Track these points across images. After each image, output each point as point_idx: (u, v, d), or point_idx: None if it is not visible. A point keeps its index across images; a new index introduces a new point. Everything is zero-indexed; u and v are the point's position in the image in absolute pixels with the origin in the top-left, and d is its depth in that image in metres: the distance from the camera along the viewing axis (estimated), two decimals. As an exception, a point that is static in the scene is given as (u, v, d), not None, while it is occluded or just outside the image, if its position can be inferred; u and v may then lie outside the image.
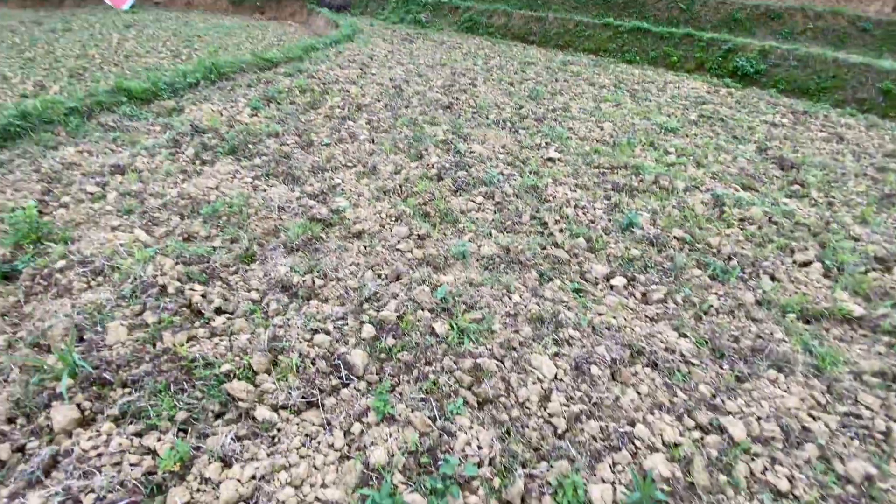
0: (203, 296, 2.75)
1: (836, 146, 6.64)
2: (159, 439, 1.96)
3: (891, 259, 3.81)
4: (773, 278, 3.52)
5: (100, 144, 4.55)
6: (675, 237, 3.95)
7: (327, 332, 2.60)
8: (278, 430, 2.07)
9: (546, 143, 5.86)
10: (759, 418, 2.35)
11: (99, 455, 1.88)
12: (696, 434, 2.24)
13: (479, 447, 2.05)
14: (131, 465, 1.85)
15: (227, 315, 2.70)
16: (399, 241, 3.60)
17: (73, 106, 4.98)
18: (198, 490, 1.80)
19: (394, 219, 3.93)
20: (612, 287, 3.34)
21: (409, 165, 4.91)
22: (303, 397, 2.22)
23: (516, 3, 16.26)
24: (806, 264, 3.71)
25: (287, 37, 13.59)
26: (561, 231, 3.89)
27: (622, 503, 1.86)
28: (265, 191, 4.07)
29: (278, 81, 7.25)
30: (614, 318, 2.96)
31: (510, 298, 3.03)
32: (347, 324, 2.69)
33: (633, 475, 1.94)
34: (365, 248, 3.51)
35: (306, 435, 2.06)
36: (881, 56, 11.46)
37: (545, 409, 2.28)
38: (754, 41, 11.39)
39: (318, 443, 2.03)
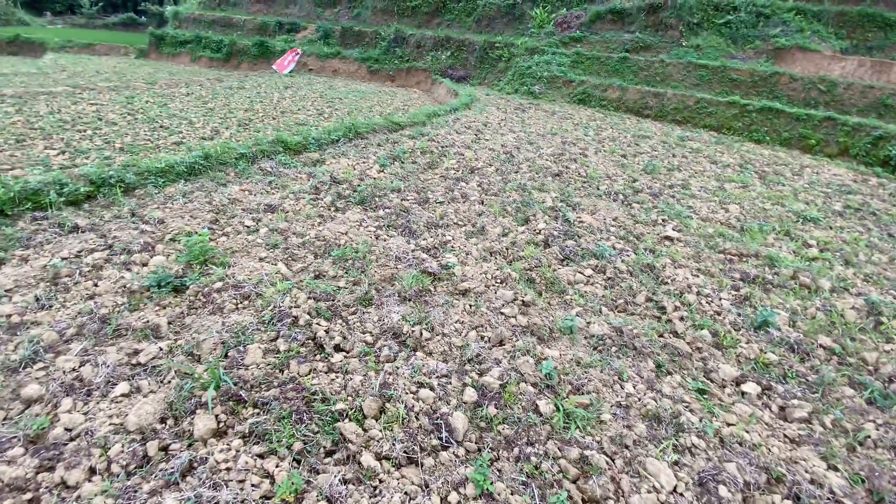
0: (326, 331, 2.99)
1: None
2: (277, 465, 2.10)
3: None
4: (961, 417, 2.84)
5: (258, 185, 5.37)
6: (820, 345, 3.43)
7: (431, 388, 2.64)
8: (381, 481, 2.10)
9: (663, 221, 5.61)
10: None
11: (228, 469, 2.06)
12: None
13: (586, 552, 1.86)
14: (252, 485, 1.99)
15: (344, 353, 2.88)
16: (504, 305, 3.62)
17: (242, 152, 5.99)
18: (305, 526, 1.87)
19: (499, 281, 3.98)
20: (742, 394, 2.96)
21: (516, 229, 5.01)
22: (405, 451, 2.24)
23: (632, 80, 16.39)
24: None
25: (412, 102, 15.13)
26: (682, 319, 3.60)
27: None
28: (385, 240, 4.41)
29: (403, 142, 8.03)
30: (746, 431, 2.59)
31: (622, 387, 2.83)
32: (451, 383, 2.71)
33: None
34: (470, 306, 3.58)
35: (405, 493, 2.06)
36: None
37: (662, 525, 2.02)
38: (915, 129, 10.05)
39: (417, 504, 2.01)
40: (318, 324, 3.01)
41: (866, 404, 2.95)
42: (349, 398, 2.47)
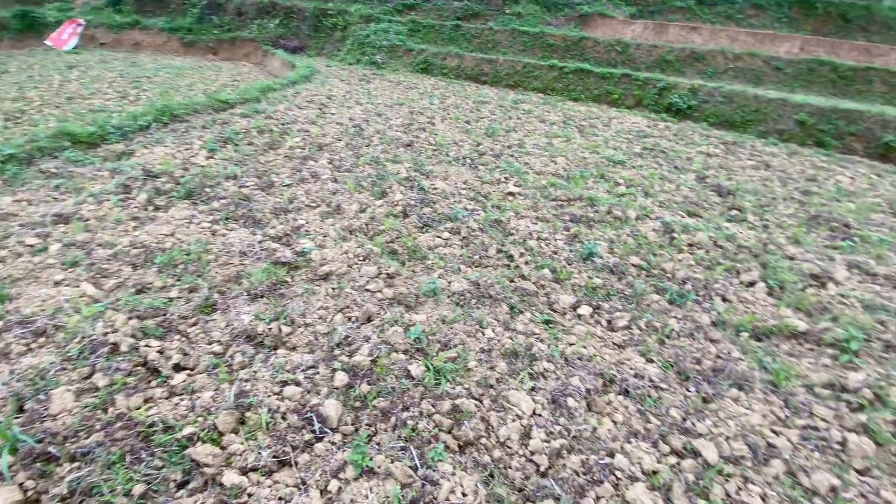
0: (160, 352, 2.58)
1: (764, 173, 7.30)
2: (114, 519, 1.78)
3: (824, 276, 4.16)
4: (724, 299, 3.74)
5: (40, 192, 4.28)
6: (632, 264, 4.15)
7: (297, 384, 2.49)
8: (249, 495, 1.93)
9: (505, 178, 6.07)
10: (727, 438, 2.44)
11: (42, 544, 1.67)
12: (673, 459, 2.29)
13: (464, 494, 1.99)
14: (81, 552, 1.66)
15: (188, 371, 2.53)
16: (368, 282, 3.56)
17: (10, 153, 4.68)
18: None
19: (361, 258, 3.89)
20: (579, 317, 3.43)
21: (373, 204, 4.93)
22: (274, 456, 2.09)
23: (468, 47, 17.17)
24: (751, 284, 3.99)
25: (242, 77, 13.55)
26: (526, 263, 4.00)
27: (610, 539, 1.85)
28: (224, 235, 3.94)
29: (235, 122, 7.17)
30: (584, 347, 3.03)
31: (483, 334, 3.04)
32: (318, 372, 2.60)
33: (618, 509, 1.95)
34: (333, 290, 3.44)
35: (280, 498, 1.94)
36: (794, 91, 12.87)
37: (527, 447, 2.27)
38: (684, 80, 12.50)
39: (294, 505, 1.91)
40: (147, 346, 2.57)
41: (668, 304, 3.68)
42: (199, 419, 2.19)
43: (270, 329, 2.87)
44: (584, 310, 3.50)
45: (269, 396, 2.37)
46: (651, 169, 7.04)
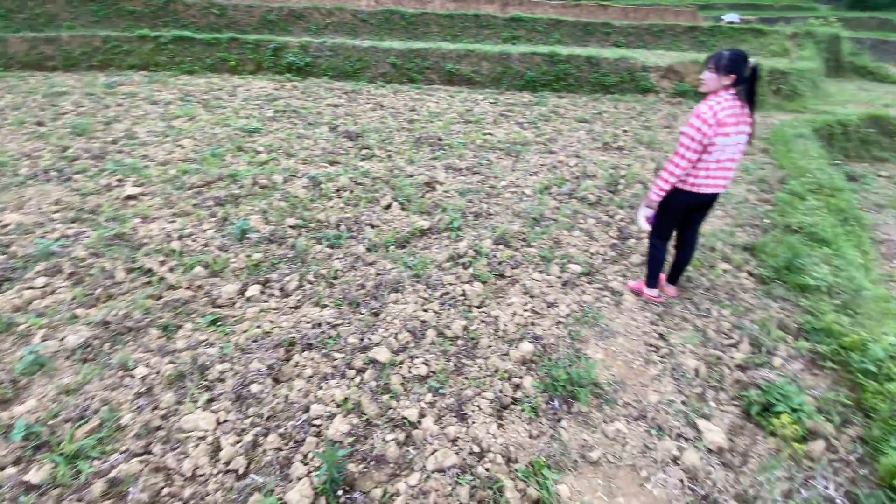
0: None
1: (381, 112, 8.56)
2: None
3: (433, 182, 5.33)
4: (371, 226, 4.30)
5: None
6: (289, 227, 4.20)
7: None
8: None
9: (118, 181, 4.92)
10: (395, 335, 2.90)
11: None
12: (358, 378, 2.56)
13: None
14: None
15: None
16: None
17: None
18: None
19: None
20: (249, 299, 3.26)
21: None
22: None
23: (9, 27, 12.43)
24: (388, 207, 4.72)
25: None
26: (171, 270, 3.44)
27: (318, 487, 1.94)
28: None
29: None
30: (259, 327, 2.92)
31: (134, 377, 2.49)
32: None
33: (318, 455, 2.04)
34: None
35: None
36: (382, 38, 15.23)
37: (219, 462, 2.06)
38: (293, 39, 12.85)
39: None
40: None
41: (330, 249, 3.93)
42: None
43: None
44: (253, 290, 3.34)
45: None
46: (287, 130, 7.13)
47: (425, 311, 3.17)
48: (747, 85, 2.59)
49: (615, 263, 3.90)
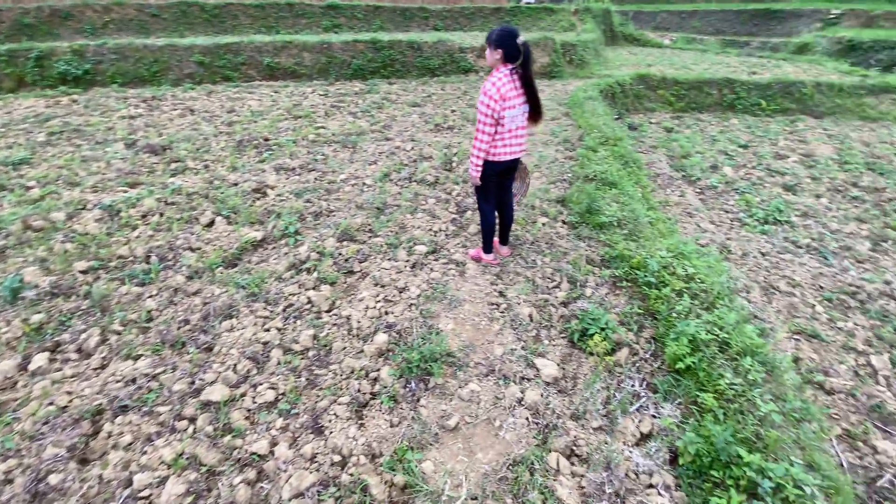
0: None
1: (191, 118, 7.54)
2: None
3: (262, 186, 4.90)
4: (192, 250, 3.78)
5: None
6: (80, 272, 3.45)
7: None
8: None
9: None
10: (233, 366, 2.61)
11: None
12: (190, 428, 2.24)
13: None
14: None
15: None
16: None
17: None
18: None
19: None
20: (34, 374, 2.60)
21: None
22: None
23: None
24: (210, 223, 4.20)
25: None
26: None
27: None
28: None
29: None
30: (51, 403, 2.36)
31: None
32: None
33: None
34: None
35: None
36: (182, 35, 13.39)
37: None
38: (62, 44, 10.50)
39: None
40: None
41: (140, 287, 3.33)
42: None
43: None
44: (39, 360, 2.68)
45: None
46: (68, 155, 5.83)
47: (267, 330, 2.92)
48: (522, 59, 2.84)
49: (456, 237, 4.08)
